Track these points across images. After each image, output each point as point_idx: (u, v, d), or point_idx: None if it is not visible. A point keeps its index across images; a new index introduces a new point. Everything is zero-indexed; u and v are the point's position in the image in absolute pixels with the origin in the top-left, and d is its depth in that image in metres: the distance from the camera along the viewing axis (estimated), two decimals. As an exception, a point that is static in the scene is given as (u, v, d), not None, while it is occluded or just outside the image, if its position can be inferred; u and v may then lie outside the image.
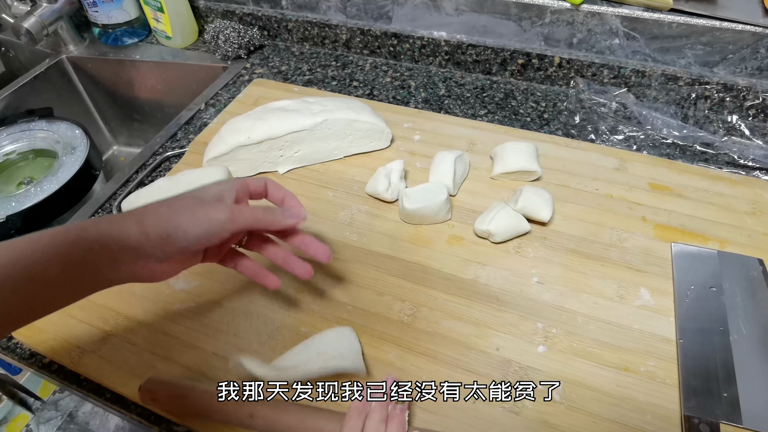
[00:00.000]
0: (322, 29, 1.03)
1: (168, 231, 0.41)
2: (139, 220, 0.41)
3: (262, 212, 0.47)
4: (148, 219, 0.41)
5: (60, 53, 1.13)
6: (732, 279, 0.59)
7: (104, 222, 0.41)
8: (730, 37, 0.77)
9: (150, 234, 0.41)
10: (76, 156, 0.94)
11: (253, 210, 0.46)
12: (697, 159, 0.76)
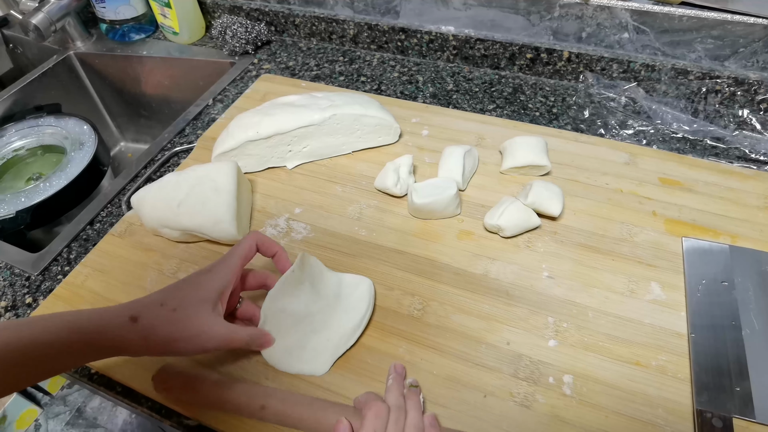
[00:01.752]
0: (329, 24, 1.03)
1: (166, 350, 0.46)
2: (145, 335, 0.45)
3: (247, 340, 0.51)
4: (153, 336, 0.45)
5: (68, 49, 1.13)
6: (744, 273, 0.59)
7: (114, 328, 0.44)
8: (741, 30, 0.77)
9: (152, 350, 0.46)
10: (84, 152, 0.94)
11: (240, 340, 0.50)
12: (707, 153, 0.75)
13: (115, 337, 0.44)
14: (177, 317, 0.46)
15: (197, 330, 0.47)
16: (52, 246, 0.71)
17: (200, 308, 0.47)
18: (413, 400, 0.49)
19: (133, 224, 0.71)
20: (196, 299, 0.48)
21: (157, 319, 0.46)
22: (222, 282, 0.50)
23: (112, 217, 0.74)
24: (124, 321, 0.45)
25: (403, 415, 0.46)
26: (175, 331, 0.46)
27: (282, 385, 0.53)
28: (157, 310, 0.46)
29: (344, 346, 0.55)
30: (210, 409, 0.52)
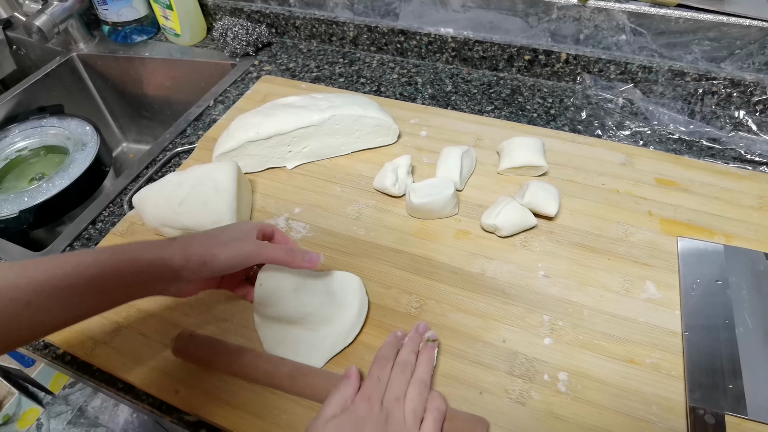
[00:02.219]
0: (329, 26, 1.04)
1: (205, 259, 0.49)
2: (183, 247, 0.48)
3: (284, 252, 0.52)
4: (191, 248, 0.49)
5: (70, 51, 1.14)
6: (738, 273, 0.59)
7: (156, 246, 0.48)
8: (737, 32, 0.77)
9: (191, 260, 0.48)
10: (86, 152, 0.95)
11: (276, 248, 0.53)
12: (703, 154, 0.76)
13: (156, 252, 0.47)
14: (212, 233, 0.52)
15: (231, 237, 0.51)
16: (55, 245, 0.72)
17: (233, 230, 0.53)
18: (426, 355, 0.52)
19: (134, 224, 0.71)
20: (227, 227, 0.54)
21: (194, 239, 0.50)
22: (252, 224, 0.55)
23: (114, 217, 0.75)
24: (163, 241, 0.49)
25: (409, 369, 0.50)
26: (212, 243, 0.50)
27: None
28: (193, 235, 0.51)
29: (342, 344, 0.56)
30: (224, 373, 0.54)
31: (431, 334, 0.54)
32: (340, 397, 0.47)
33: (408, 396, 0.48)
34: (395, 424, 0.45)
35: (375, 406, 0.46)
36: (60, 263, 0.42)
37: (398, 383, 0.49)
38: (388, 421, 0.45)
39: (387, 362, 0.51)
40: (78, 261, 0.43)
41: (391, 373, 0.50)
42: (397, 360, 0.51)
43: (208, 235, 0.51)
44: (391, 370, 0.50)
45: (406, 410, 0.47)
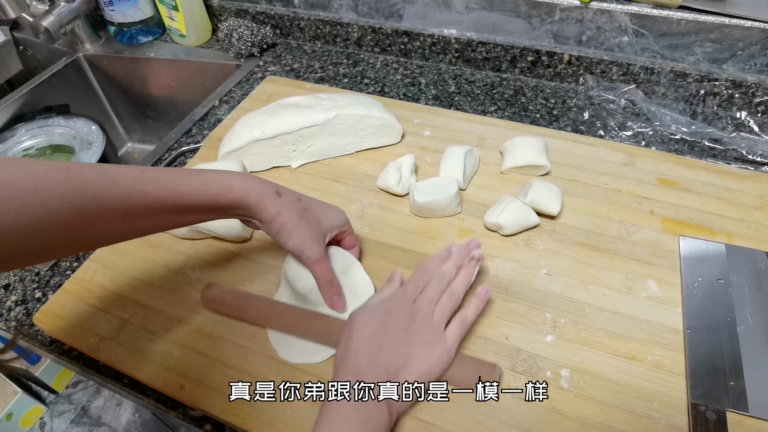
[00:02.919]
0: (333, 27, 1.05)
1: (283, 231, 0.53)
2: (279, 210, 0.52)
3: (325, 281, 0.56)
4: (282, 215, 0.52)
5: (77, 51, 1.15)
6: (739, 271, 0.60)
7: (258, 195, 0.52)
8: (739, 33, 0.78)
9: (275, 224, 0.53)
10: (92, 151, 0.96)
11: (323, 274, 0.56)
12: (705, 155, 0.76)
13: (260, 201, 0.51)
14: (306, 216, 0.54)
15: (310, 235, 0.54)
16: (61, 242, 0.72)
17: (318, 225, 0.56)
18: (465, 271, 0.56)
19: (140, 221, 0.72)
20: (319, 215, 0.57)
21: (293, 206, 0.53)
22: (338, 221, 0.59)
23: (120, 215, 0.76)
24: (271, 191, 0.52)
25: (446, 280, 0.55)
26: (299, 223, 0.53)
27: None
28: (294, 200, 0.54)
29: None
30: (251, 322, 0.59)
31: (478, 253, 0.57)
32: (383, 293, 0.55)
33: (439, 302, 0.53)
34: (422, 318, 0.51)
35: (408, 301, 0.53)
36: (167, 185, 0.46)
37: (433, 289, 0.54)
38: (417, 316, 0.51)
39: (427, 271, 0.56)
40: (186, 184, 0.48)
41: (429, 281, 0.55)
42: (438, 270, 0.56)
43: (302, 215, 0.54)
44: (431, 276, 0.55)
45: (435, 311, 0.52)
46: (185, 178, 0.48)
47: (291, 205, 0.53)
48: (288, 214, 0.52)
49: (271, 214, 0.52)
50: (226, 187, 0.50)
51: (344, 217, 0.60)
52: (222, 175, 0.51)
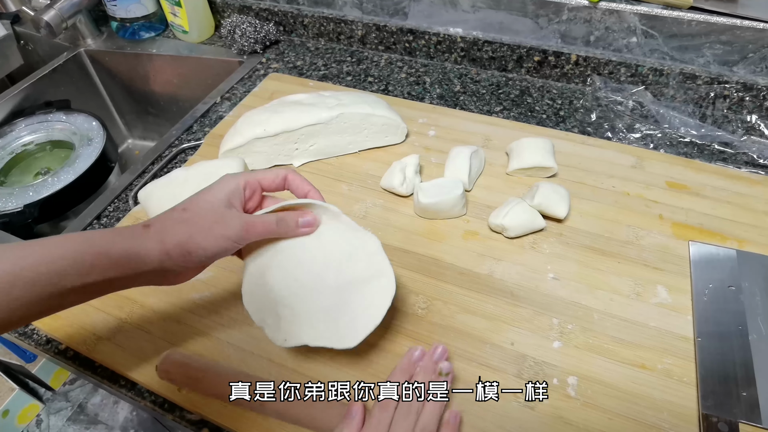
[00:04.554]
0: (337, 25, 1.03)
1: (188, 249, 0.43)
2: (160, 239, 0.43)
3: (275, 224, 0.48)
4: (169, 237, 0.43)
5: (78, 46, 1.14)
6: (751, 278, 0.58)
7: (127, 238, 0.42)
8: (750, 35, 0.76)
9: (171, 253, 0.43)
10: (92, 147, 0.95)
11: (265, 223, 0.47)
12: (715, 158, 0.75)
13: (130, 246, 0.42)
14: (188, 216, 0.44)
15: (212, 221, 0.44)
16: (59, 240, 0.71)
17: (211, 205, 0.45)
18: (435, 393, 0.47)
19: (139, 219, 0.71)
20: (205, 199, 0.46)
21: (169, 221, 0.44)
22: (229, 186, 0.47)
23: (119, 212, 0.75)
24: (137, 229, 0.43)
25: (414, 412, 0.46)
26: (191, 228, 0.44)
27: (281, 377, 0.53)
28: (167, 214, 0.45)
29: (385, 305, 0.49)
30: (211, 397, 0.52)
31: (446, 366, 0.49)
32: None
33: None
34: None
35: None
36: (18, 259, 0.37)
37: (401, 429, 0.44)
38: None
39: (389, 405, 0.46)
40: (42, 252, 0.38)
41: (395, 415, 0.45)
42: (401, 403, 0.46)
43: (185, 218, 0.44)
44: (395, 410, 0.46)
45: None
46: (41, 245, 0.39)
47: (167, 223, 0.44)
48: (173, 235, 0.43)
49: (157, 252, 0.42)
50: (86, 242, 0.40)
51: (236, 178, 0.48)
52: (85, 233, 0.42)
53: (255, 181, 0.49)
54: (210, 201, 0.46)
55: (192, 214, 0.45)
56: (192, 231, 0.44)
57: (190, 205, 0.46)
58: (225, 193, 0.46)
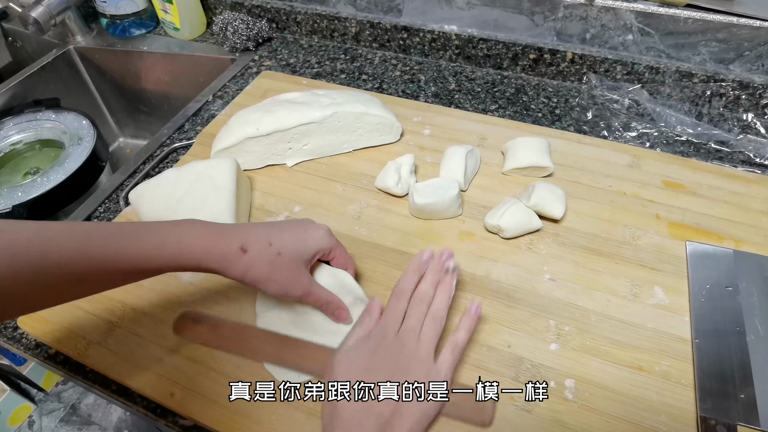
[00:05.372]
0: (331, 22, 1.02)
1: (258, 285, 0.49)
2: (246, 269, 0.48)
3: (322, 304, 0.53)
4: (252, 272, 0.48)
5: (67, 44, 1.12)
6: (748, 279, 0.58)
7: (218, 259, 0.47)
8: (747, 33, 0.76)
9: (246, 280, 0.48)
10: (82, 147, 0.93)
11: (318, 299, 0.53)
12: (711, 157, 0.74)
13: (222, 262, 0.47)
14: (279, 261, 0.49)
15: (289, 277, 0.50)
16: (48, 241, 0.70)
17: (298, 258, 0.51)
18: (443, 287, 0.52)
19: (131, 220, 0.70)
20: (297, 251, 0.51)
21: (262, 257, 0.48)
22: (320, 245, 0.53)
23: (110, 213, 0.73)
24: (234, 250, 0.47)
25: (426, 302, 0.50)
26: (272, 274, 0.49)
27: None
28: (264, 248, 0.49)
29: None
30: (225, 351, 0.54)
31: (452, 264, 0.53)
32: (361, 329, 0.49)
33: (423, 328, 0.49)
34: (408, 353, 0.47)
35: (390, 336, 0.48)
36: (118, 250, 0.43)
37: (415, 315, 0.49)
38: (402, 350, 0.47)
39: (404, 294, 0.51)
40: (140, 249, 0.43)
41: (408, 305, 0.50)
42: (415, 294, 0.51)
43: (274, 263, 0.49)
44: (409, 301, 0.51)
45: (421, 341, 0.48)
46: (138, 239, 0.44)
47: (260, 257, 0.48)
48: (258, 269, 0.48)
49: (239, 274, 0.48)
50: (183, 249, 0.45)
51: (328, 239, 0.55)
52: (180, 232, 0.46)
53: (333, 255, 0.56)
54: (300, 253, 0.51)
55: (281, 262, 0.50)
56: (272, 277, 0.49)
57: (284, 250, 0.50)
58: (313, 251, 0.53)
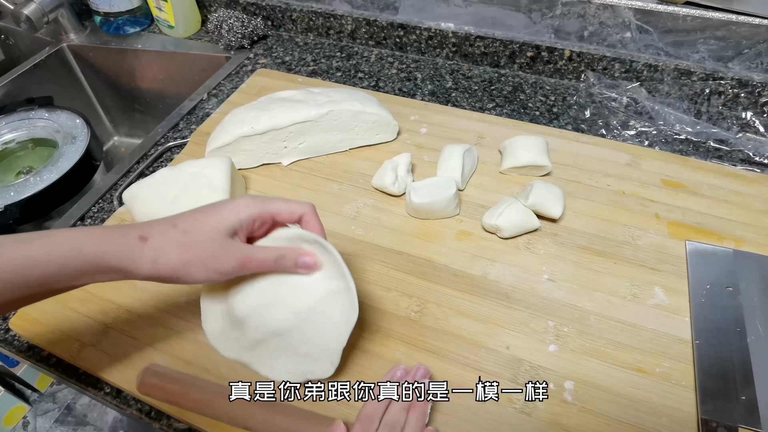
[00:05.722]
0: (327, 19, 1.01)
1: (179, 276, 0.43)
2: (154, 258, 0.42)
3: (274, 263, 0.46)
4: (163, 260, 0.42)
5: (60, 41, 1.11)
6: (748, 279, 0.58)
7: (119, 250, 0.41)
8: (746, 31, 0.75)
9: (161, 274, 0.42)
10: (76, 146, 0.92)
11: (263, 260, 0.45)
12: (710, 156, 0.74)
13: (123, 258, 0.41)
14: (187, 240, 0.43)
15: (209, 253, 0.43)
16: (41, 242, 0.69)
17: (214, 233, 0.43)
18: (417, 413, 0.46)
19: (124, 220, 0.69)
20: (209, 223, 0.44)
21: (168, 240, 0.42)
22: (241, 215, 0.45)
23: (104, 213, 0.72)
24: (132, 240, 0.42)
25: (398, 426, 0.45)
26: (186, 255, 0.42)
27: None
28: (168, 230, 0.43)
29: (346, 334, 0.47)
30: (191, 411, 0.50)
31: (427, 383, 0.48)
32: None
33: None
34: None
35: None
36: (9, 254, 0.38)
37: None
38: None
39: (370, 422, 0.45)
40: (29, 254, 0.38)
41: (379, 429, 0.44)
42: (384, 419, 0.45)
43: (184, 243, 0.43)
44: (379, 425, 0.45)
45: None
46: (27, 243, 0.39)
47: (165, 241, 0.42)
48: (167, 256, 0.42)
49: (148, 268, 0.42)
50: (75, 248, 0.40)
51: (251, 206, 0.46)
52: (75, 233, 0.41)
53: (268, 215, 0.47)
54: (214, 228, 0.44)
55: (191, 240, 0.43)
56: (187, 259, 0.42)
57: (192, 228, 0.43)
58: (232, 222, 0.44)
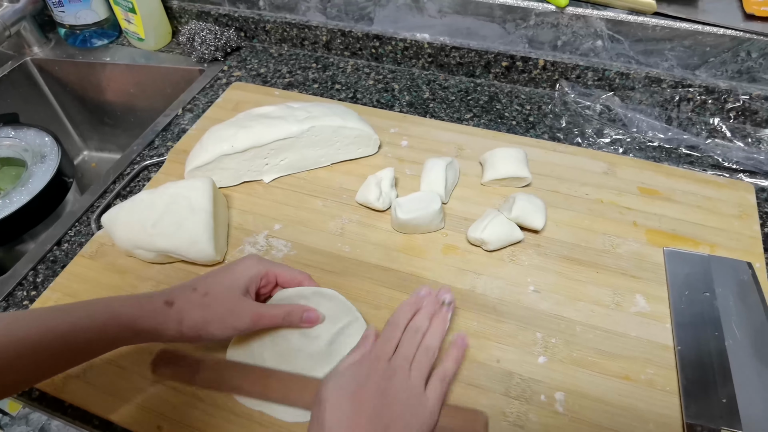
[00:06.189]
0: (301, 30, 1.01)
1: (200, 334, 0.49)
2: (179, 319, 0.48)
3: (282, 319, 0.53)
4: (186, 320, 0.49)
5: (24, 55, 1.07)
6: (724, 283, 0.60)
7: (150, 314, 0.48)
8: (711, 40, 0.78)
9: (185, 333, 0.49)
10: (46, 165, 0.89)
11: (273, 317, 0.53)
12: (683, 161, 0.77)
13: (152, 322, 0.48)
14: (207, 301, 0.50)
15: (227, 310, 0.50)
16: (17, 269, 0.67)
17: (229, 292, 0.51)
18: (437, 320, 0.52)
19: (104, 245, 0.67)
20: (224, 284, 0.52)
21: (190, 303, 0.49)
22: (250, 272, 0.54)
23: (81, 237, 0.71)
24: (159, 306, 0.48)
25: (420, 334, 0.51)
26: (207, 314, 0.49)
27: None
28: (189, 294, 0.50)
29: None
30: (207, 389, 0.53)
31: (449, 297, 0.54)
32: (355, 354, 0.50)
33: (416, 358, 0.49)
34: (400, 380, 0.47)
35: (382, 362, 0.48)
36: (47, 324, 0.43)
37: (407, 346, 0.50)
38: (393, 378, 0.47)
39: (399, 325, 0.51)
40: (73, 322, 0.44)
41: (402, 336, 0.51)
42: (410, 325, 0.52)
43: (204, 303, 0.50)
44: (403, 333, 0.51)
45: (413, 369, 0.48)
46: (68, 313, 0.45)
47: (187, 304, 0.49)
48: (191, 317, 0.49)
49: (175, 329, 0.48)
50: (113, 314, 0.46)
51: (258, 265, 0.55)
52: (107, 301, 0.48)
53: (273, 275, 0.56)
54: (229, 287, 0.52)
55: (211, 300, 0.50)
56: (208, 318, 0.49)
57: (211, 289, 0.51)
58: (244, 279, 0.53)
